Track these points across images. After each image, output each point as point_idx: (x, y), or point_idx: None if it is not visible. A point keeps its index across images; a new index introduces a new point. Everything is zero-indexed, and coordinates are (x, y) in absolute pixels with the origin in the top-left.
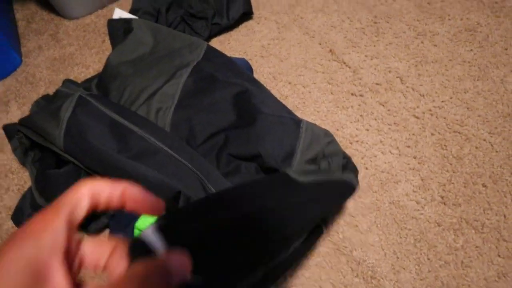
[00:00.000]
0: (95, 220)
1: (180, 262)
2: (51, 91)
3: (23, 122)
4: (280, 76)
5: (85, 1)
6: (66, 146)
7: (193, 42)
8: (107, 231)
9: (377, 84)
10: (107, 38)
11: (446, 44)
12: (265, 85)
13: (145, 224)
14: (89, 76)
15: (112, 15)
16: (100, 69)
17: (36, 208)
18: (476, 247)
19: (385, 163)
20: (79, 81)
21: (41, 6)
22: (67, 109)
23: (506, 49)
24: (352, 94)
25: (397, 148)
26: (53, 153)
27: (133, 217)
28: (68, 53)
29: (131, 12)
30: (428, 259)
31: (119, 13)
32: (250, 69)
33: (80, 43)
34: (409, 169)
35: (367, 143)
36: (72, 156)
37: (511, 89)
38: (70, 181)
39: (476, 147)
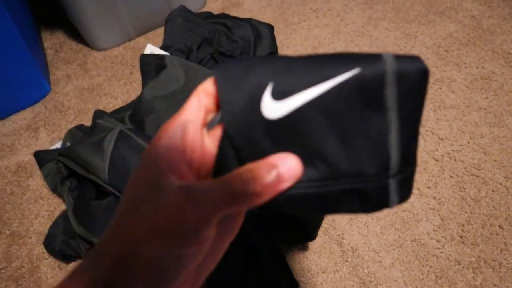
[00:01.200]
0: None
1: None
2: (80, 119)
3: (63, 152)
4: None
5: (113, 33)
6: (110, 179)
7: None
8: None
9: None
10: (135, 70)
11: (463, 91)
12: None
13: None
14: (117, 106)
15: (139, 48)
16: (128, 100)
17: (69, 235)
18: (494, 285)
19: (407, 202)
20: (107, 111)
21: (69, 36)
22: (110, 142)
23: None
24: None
25: (418, 188)
26: (94, 184)
27: None
28: (96, 83)
29: (162, 48)
30: None
31: (151, 49)
32: None
33: (109, 74)
34: (429, 209)
35: None
36: (115, 189)
37: None
38: (111, 212)
39: (493, 191)
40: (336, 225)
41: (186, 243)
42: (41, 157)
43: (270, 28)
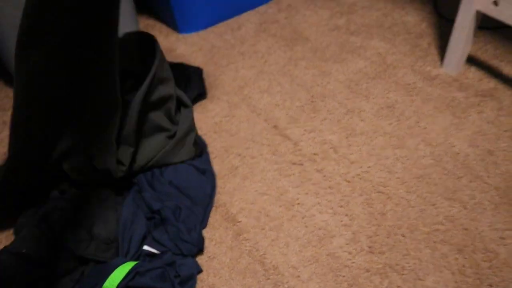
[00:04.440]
0: None
1: None
2: None
3: None
4: (231, 149)
5: None
6: None
7: None
8: None
9: (314, 154)
10: None
11: (371, 119)
12: (217, 157)
13: (112, 284)
14: None
15: None
16: None
17: None
18: (398, 286)
19: (322, 221)
20: None
21: (5, 83)
22: None
23: (418, 122)
24: (293, 163)
25: (332, 208)
26: None
27: (101, 278)
28: None
29: None
30: None
31: None
32: (204, 144)
33: None
34: (342, 225)
35: (306, 204)
36: None
37: (422, 155)
38: None
39: (396, 204)
40: (259, 247)
41: None
42: None
43: (199, 70)
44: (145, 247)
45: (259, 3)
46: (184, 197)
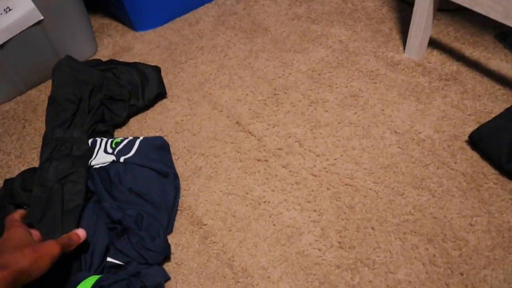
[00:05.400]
0: None
1: None
2: None
3: None
4: (194, 149)
5: (2, 89)
6: None
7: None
8: None
9: (279, 149)
10: (27, 124)
11: (335, 109)
12: (180, 158)
13: None
14: (10, 162)
15: (30, 101)
16: (21, 155)
17: None
18: (370, 281)
19: (290, 218)
20: (1, 168)
21: None
22: None
23: (382, 110)
24: (258, 160)
25: (299, 204)
26: None
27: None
28: None
29: (50, 99)
30: None
31: None
32: (166, 145)
33: (0, 130)
34: (310, 222)
35: (273, 202)
36: None
37: (388, 144)
38: None
39: (364, 196)
40: (227, 250)
41: None
42: None
43: (157, 69)
44: (109, 259)
45: None
46: (146, 204)
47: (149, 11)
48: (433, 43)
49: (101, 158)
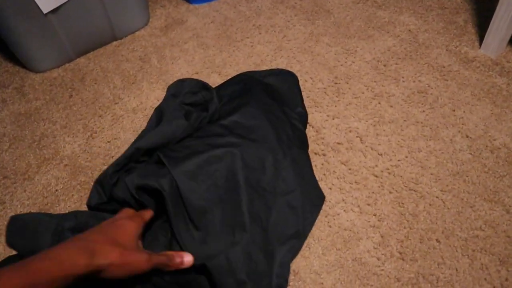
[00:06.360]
0: None
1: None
2: (15, 147)
3: None
4: None
5: (52, 55)
6: None
7: None
8: None
9: (338, 143)
10: (74, 93)
11: (401, 105)
12: None
13: None
14: (55, 132)
15: (79, 69)
16: (67, 125)
17: None
18: None
19: (347, 221)
20: (46, 137)
21: (4, 58)
22: None
23: (453, 110)
24: (315, 154)
25: (358, 206)
26: None
27: None
28: (34, 108)
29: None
30: None
31: None
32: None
33: (47, 97)
34: (369, 227)
35: (330, 201)
36: None
37: (459, 149)
38: None
39: (430, 204)
40: None
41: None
42: None
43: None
44: None
45: None
46: None
47: None
48: None
49: None
